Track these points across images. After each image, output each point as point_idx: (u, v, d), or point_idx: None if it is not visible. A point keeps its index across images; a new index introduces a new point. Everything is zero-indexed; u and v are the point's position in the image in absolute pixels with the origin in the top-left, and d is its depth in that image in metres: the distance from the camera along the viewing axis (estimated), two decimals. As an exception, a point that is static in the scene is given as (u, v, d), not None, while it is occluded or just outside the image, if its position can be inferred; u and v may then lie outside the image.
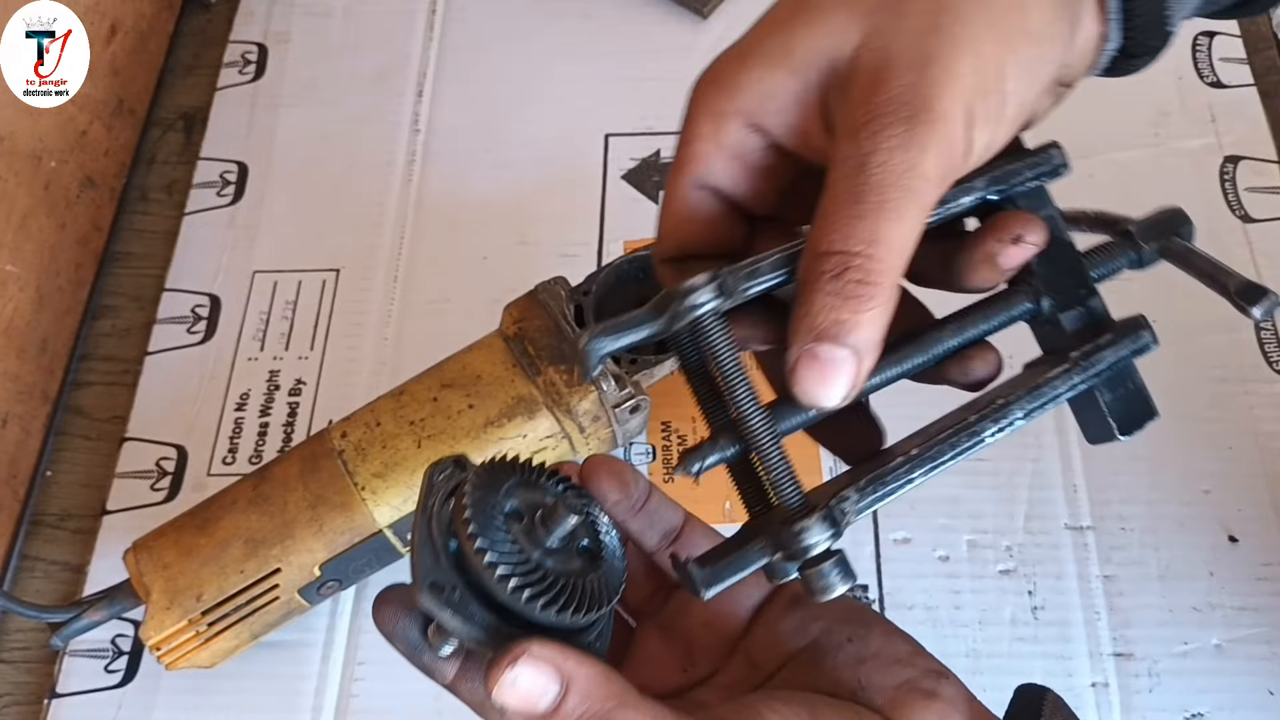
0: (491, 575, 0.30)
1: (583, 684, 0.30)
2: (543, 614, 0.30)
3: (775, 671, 0.36)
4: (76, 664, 0.63)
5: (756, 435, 0.31)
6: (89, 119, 0.78)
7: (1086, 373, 0.34)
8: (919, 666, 0.34)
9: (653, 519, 0.38)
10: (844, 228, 0.30)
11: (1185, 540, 0.62)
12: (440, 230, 0.77)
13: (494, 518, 0.31)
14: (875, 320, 0.30)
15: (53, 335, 0.73)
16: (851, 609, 0.37)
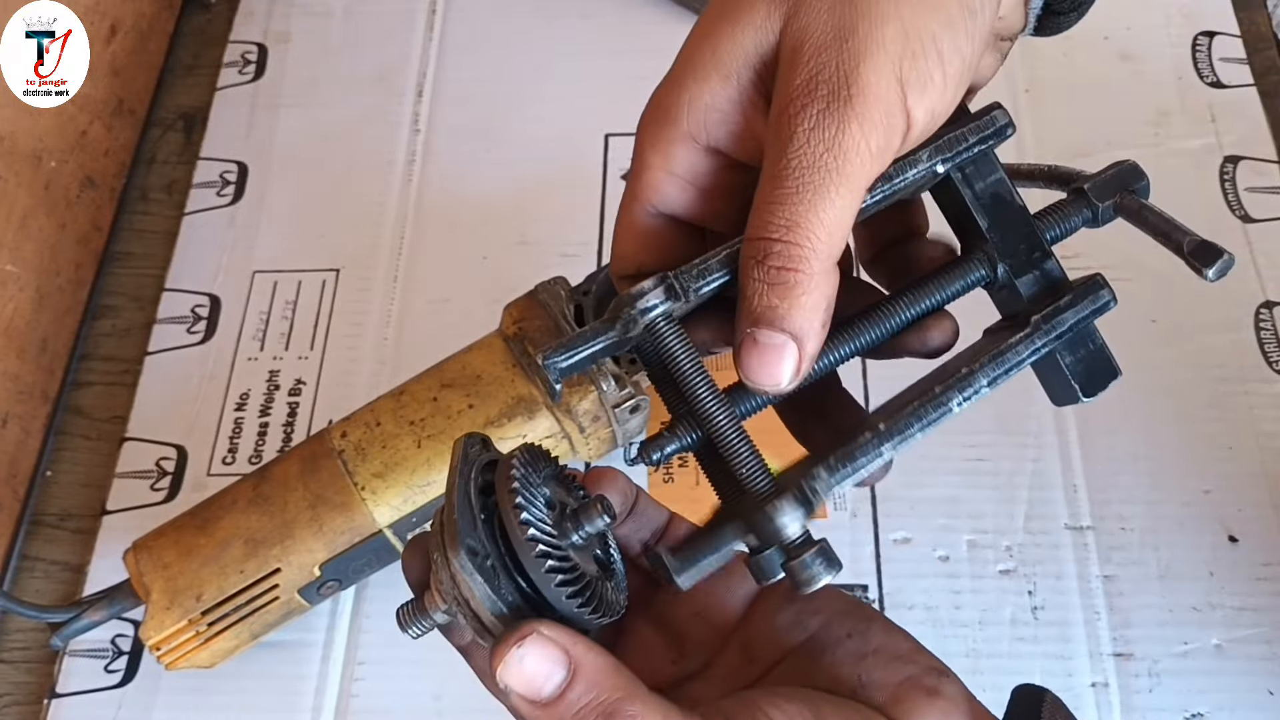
0: (530, 551, 0.30)
1: (590, 672, 0.29)
2: (566, 603, 0.30)
3: (773, 666, 0.35)
4: (76, 664, 0.63)
5: (716, 423, 0.31)
6: (89, 119, 0.78)
7: (1048, 336, 0.34)
8: (920, 664, 0.34)
9: (640, 520, 0.38)
10: (763, 214, 0.30)
11: (1185, 540, 0.62)
12: (440, 230, 0.77)
13: (538, 498, 0.31)
14: (807, 304, 0.30)
15: (53, 335, 0.73)
16: (851, 604, 0.36)
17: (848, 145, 0.29)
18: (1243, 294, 0.69)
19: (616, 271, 0.36)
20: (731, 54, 0.32)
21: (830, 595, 0.36)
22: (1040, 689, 0.35)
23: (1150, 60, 0.79)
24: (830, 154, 0.29)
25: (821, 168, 0.29)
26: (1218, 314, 0.68)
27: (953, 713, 0.32)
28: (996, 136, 0.34)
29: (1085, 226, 0.36)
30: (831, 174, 0.29)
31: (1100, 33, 0.80)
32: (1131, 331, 0.68)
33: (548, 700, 0.29)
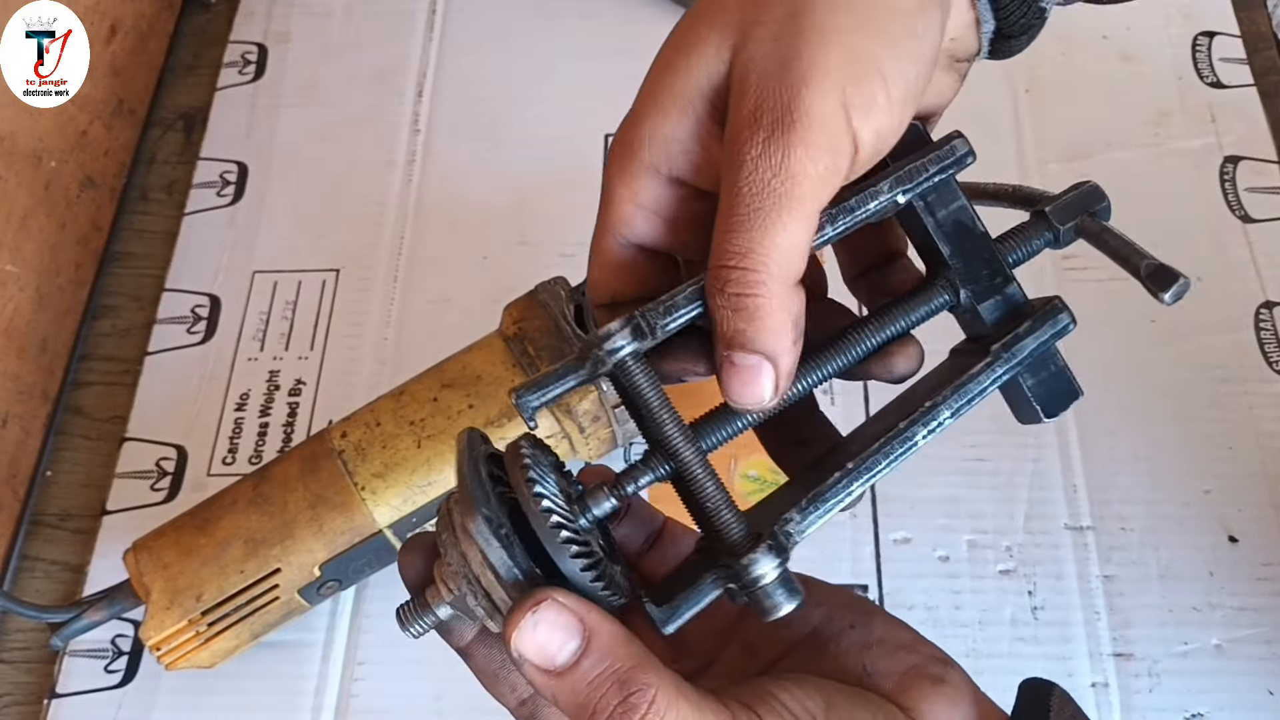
0: (545, 523, 0.30)
1: (605, 640, 0.29)
2: (582, 576, 0.30)
3: (776, 660, 0.36)
4: (76, 664, 0.63)
5: (683, 459, 0.32)
6: (89, 119, 0.78)
7: (1009, 364, 0.34)
8: (924, 653, 0.34)
9: (635, 523, 0.38)
10: (720, 243, 0.31)
11: (1185, 540, 0.62)
12: (440, 230, 0.77)
13: (549, 476, 0.31)
14: (772, 326, 0.31)
15: (53, 335, 0.73)
16: (851, 598, 0.37)
17: (794, 170, 0.30)
18: (1243, 294, 0.69)
19: (593, 300, 0.37)
20: (686, 86, 0.33)
21: (830, 590, 0.37)
22: (1048, 683, 0.35)
23: (1150, 60, 0.79)
24: (778, 179, 0.30)
25: (770, 194, 0.30)
26: (1218, 314, 0.68)
27: (959, 700, 0.33)
28: (956, 165, 0.34)
29: (1048, 248, 0.36)
30: (780, 199, 0.30)
31: (1100, 33, 0.80)
32: (1131, 332, 0.68)
33: (561, 668, 0.29)
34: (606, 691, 0.29)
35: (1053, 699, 0.34)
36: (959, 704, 0.33)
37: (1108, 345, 0.68)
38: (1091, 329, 0.68)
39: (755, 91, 0.30)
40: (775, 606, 0.30)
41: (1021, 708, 0.34)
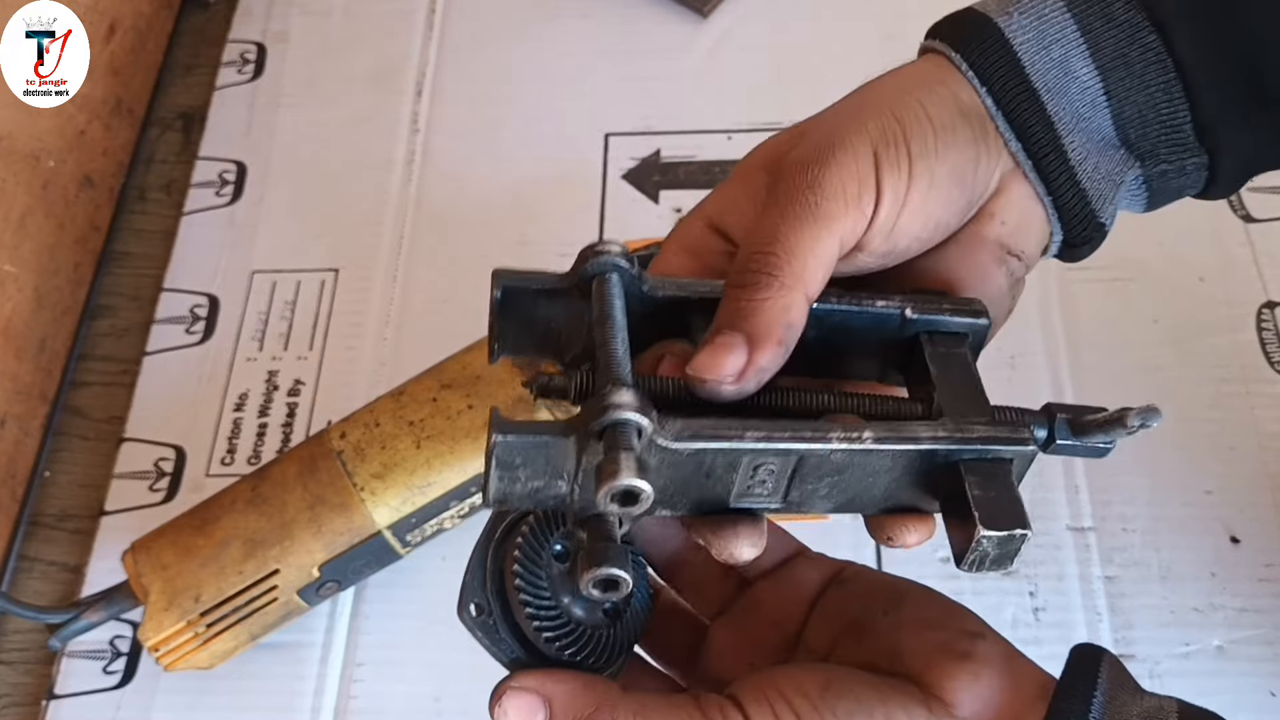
0: (524, 616, 0.34)
1: (561, 699, 0.33)
2: (562, 656, 0.34)
3: (826, 656, 0.37)
4: (75, 665, 0.63)
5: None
6: (87, 118, 0.78)
7: (952, 446, 0.32)
8: (952, 629, 0.35)
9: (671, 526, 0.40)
10: (753, 233, 0.34)
11: (1187, 541, 0.62)
12: (440, 230, 0.77)
13: (539, 563, 0.35)
14: (770, 309, 0.32)
15: (51, 335, 0.73)
16: (885, 582, 0.38)
17: (827, 185, 0.34)
18: (1244, 294, 0.69)
19: (654, 270, 0.38)
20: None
21: (870, 578, 0.38)
22: (1099, 648, 0.35)
23: (1151, 60, 0.79)
24: (811, 191, 0.34)
25: (804, 201, 0.34)
26: (1219, 314, 0.68)
27: (983, 672, 0.33)
28: (970, 315, 0.36)
29: (1034, 446, 0.34)
30: (811, 208, 0.33)
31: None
32: (1133, 332, 0.68)
33: None
34: None
35: (1102, 664, 0.34)
36: (983, 676, 0.33)
37: (1109, 345, 0.68)
38: (1093, 329, 0.68)
39: (811, 138, 0.35)
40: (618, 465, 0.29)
41: (1071, 673, 0.34)
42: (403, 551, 0.59)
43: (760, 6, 0.84)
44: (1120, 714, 0.33)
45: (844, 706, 0.32)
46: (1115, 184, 0.38)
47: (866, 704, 0.32)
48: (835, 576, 0.39)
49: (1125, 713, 0.33)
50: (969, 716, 0.32)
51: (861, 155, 0.34)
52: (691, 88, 0.81)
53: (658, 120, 0.79)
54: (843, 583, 0.39)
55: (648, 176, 0.77)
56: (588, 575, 0.30)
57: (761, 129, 0.78)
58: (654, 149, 0.78)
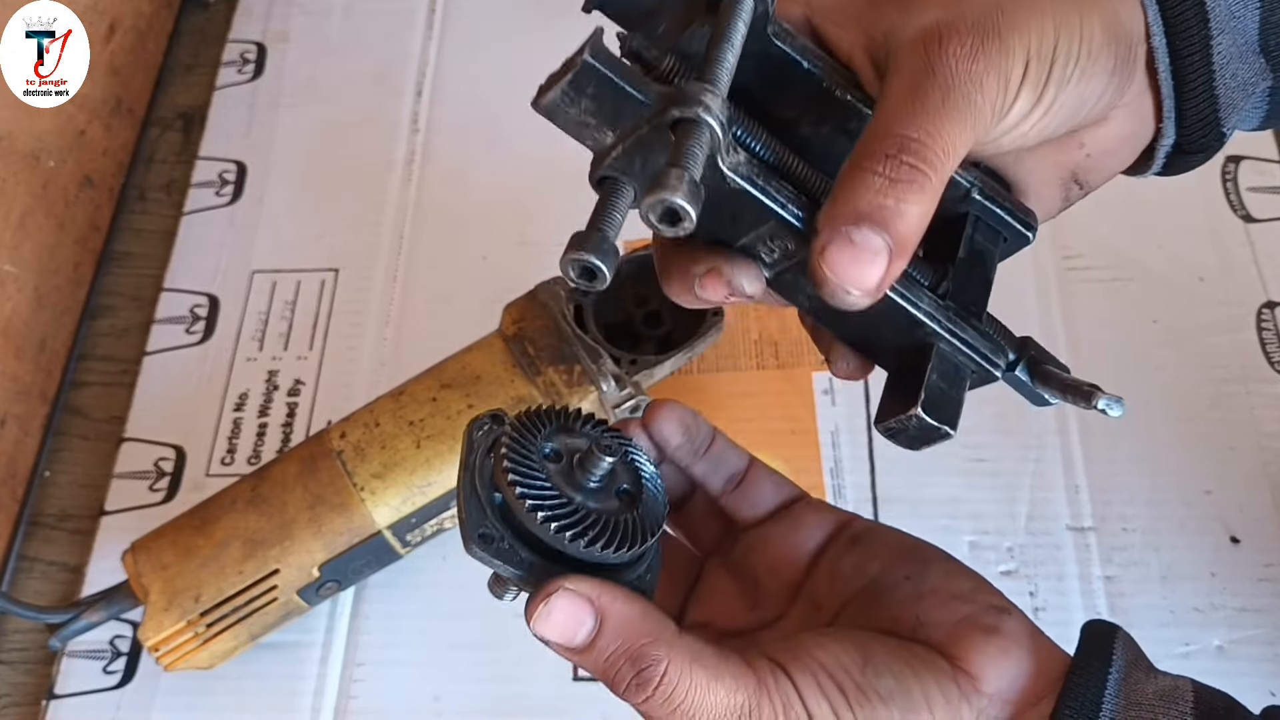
0: (533, 518, 0.31)
1: (617, 619, 0.31)
2: (585, 551, 0.32)
3: (837, 613, 0.36)
4: (75, 665, 0.63)
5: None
6: (88, 118, 0.78)
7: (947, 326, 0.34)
8: (979, 602, 0.34)
9: (717, 463, 0.39)
10: (906, 116, 0.30)
11: (1187, 541, 0.62)
12: (440, 230, 0.77)
13: (532, 463, 0.32)
14: (916, 213, 0.29)
15: (51, 335, 0.73)
16: (910, 546, 0.37)
17: (987, 85, 0.31)
18: (1244, 294, 0.69)
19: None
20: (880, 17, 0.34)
21: (889, 539, 0.37)
22: (1111, 625, 0.34)
23: (1151, 60, 0.79)
24: (972, 84, 0.30)
25: (965, 93, 0.30)
26: (1219, 314, 0.68)
27: (1011, 649, 0.32)
28: (1024, 226, 0.36)
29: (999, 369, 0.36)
30: (970, 103, 0.30)
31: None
32: (1133, 332, 0.68)
33: (581, 647, 0.31)
34: (621, 667, 0.31)
35: (1116, 641, 0.34)
36: (1012, 653, 0.32)
37: (1109, 345, 0.68)
38: (1093, 328, 0.68)
39: (969, 10, 0.32)
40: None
41: (1085, 649, 0.34)
42: (403, 551, 0.60)
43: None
44: (1135, 692, 0.32)
45: (884, 685, 0.31)
46: (1248, 94, 0.35)
47: (905, 683, 0.32)
48: (842, 528, 0.38)
49: (1140, 690, 0.32)
50: (994, 693, 0.32)
51: (1017, 60, 0.31)
52: (691, 88, 0.81)
53: (658, 120, 0.79)
54: (856, 538, 0.37)
55: (648, 176, 0.77)
56: (651, 198, 0.28)
57: (761, 129, 0.78)
58: (654, 149, 0.78)
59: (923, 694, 0.32)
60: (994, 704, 0.32)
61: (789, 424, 0.66)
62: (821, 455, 0.65)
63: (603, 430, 0.36)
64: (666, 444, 0.38)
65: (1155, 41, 0.33)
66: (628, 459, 0.35)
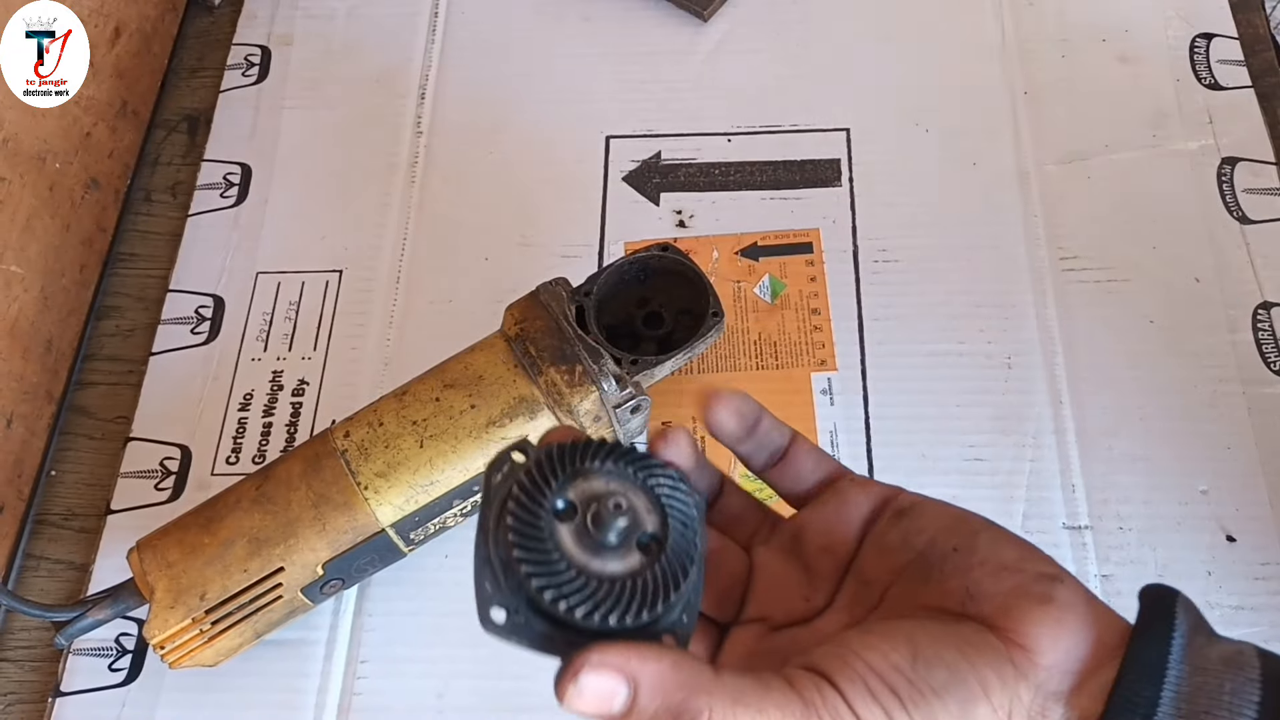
0: (543, 598, 0.30)
1: (651, 679, 0.30)
2: (602, 624, 0.30)
3: (886, 589, 0.35)
4: (80, 662, 0.63)
5: None
6: (93, 120, 0.78)
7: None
8: (1029, 571, 0.32)
9: (761, 442, 0.37)
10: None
11: (1183, 540, 0.62)
12: (442, 231, 0.77)
13: (539, 532, 0.31)
14: None
15: (57, 335, 0.73)
16: (956, 517, 0.35)
17: None
18: (1241, 295, 0.69)
19: None
20: None
21: (936, 511, 0.35)
22: (1171, 589, 0.32)
23: (1148, 62, 0.79)
24: None
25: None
26: (1216, 315, 0.69)
27: (1066, 618, 0.31)
28: None
29: None
30: None
31: (1098, 35, 0.81)
32: (1129, 332, 0.69)
33: (620, 714, 0.30)
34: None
35: (1178, 605, 0.32)
36: (1066, 622, 0.31)
37: (1106, 345, 0.68)
38: (1089, 329, 0.69)
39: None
40: None
41: (1146, 614, 0.32)
42: (406, 550, 0.60)
43: (760, 10, 0.85)
44: (1199, 658, 0.31)
45: (938, 677, 0.30)
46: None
47: (959, 672, 0.30)
48: (888, 503, 0.37)
49: (1204, 656, 0.31)
50: (1051, 665, 0.31)
51: None
52: (692, 90, 0.81)
53: (658, 123, 0.80)
54: (902, 512, 0.36)
55: (648, 179, 0.78)
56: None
57: (761, 131, 0.79)
58: (654, 151, 0.79)
59: (978, 680, 0.30)
60: (1052, 676, 0.31)
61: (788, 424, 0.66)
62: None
63: (625, 462, 0.33)
64: (721, 436, 0.37)
65: None
66: (652, 490, 0.33)
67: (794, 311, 0.71)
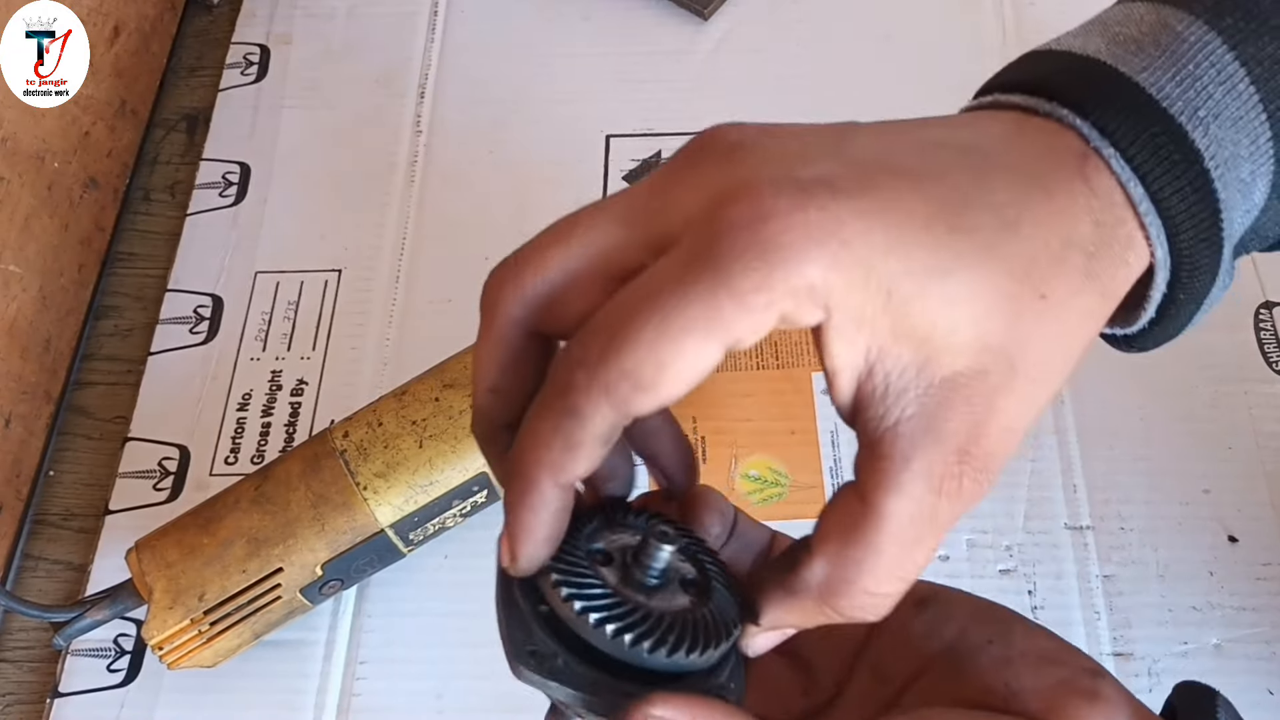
0: (601, 633, 0.27)
1: None
2: (658, 659, 0.27)
3: (908, 684, 0.32)
4: (79, 663, 0.63)
5: None
6: (92, 120, 0.78)
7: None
8: (1072, 664, 0.30)
9: (744, 541, 0.34)
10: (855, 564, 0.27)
11: (1185, 540, 0.62)
12: (442, 231, 0.77)
13: (582, 568, 0.28)
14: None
15: (56, 335, 0.73)
16: (986, 606, 0.33)
17: (961, 509, 0.28)
18: (1242, 294, 0.69)
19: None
20: None
21: (963, 600, 0.33)
22: (1210, 689, 0.31)
23: (1150, 61, 0.79)
24: (940, 523, 0.27)
25: (931, 532, 0.27)
26: (1217, 314, 0.68)
27: (1115, 715, 0.29)
28: None
29: None
30: (931, 543, 0.27)
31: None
32: (1131, 332, 0.68)
33: None
34: None
35: (1219, 709, 0.30)
36: (1116, 719, 0.29)
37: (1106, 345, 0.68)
38: (1091, 329, 0.69)
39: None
40: None
41: (1184, 711, 0.31)
42: (405, 550, 0.60)
43: (760, 9, 0.84)
44: None
45: None
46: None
47: None
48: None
49: None
50: None
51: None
52: (692, 89, 0.81)
53: (658, 122, 0.80)
54: (923, 601, 0.33)
55: (649, 178, 0.77)
56: None
57: (762, 130, 0.78)
58: (655, 150, 0.78)
59: None
60: None
61: (788, 424, 0.66)
62: (821, 455, 0.65)
63: (649, 517, 0.31)
64: (707, 535, 0.33)
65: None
66: (687, 546, 0.31)
67: (794, 311, 0.71)
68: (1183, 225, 0.27)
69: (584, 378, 0.25)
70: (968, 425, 0.26)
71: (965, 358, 0.25)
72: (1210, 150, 0.27)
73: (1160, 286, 0.29)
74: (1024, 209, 0.25)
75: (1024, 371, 0.26)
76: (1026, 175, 0.26)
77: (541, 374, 0.28)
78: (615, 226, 0.27)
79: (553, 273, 0.27)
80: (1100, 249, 0.27)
